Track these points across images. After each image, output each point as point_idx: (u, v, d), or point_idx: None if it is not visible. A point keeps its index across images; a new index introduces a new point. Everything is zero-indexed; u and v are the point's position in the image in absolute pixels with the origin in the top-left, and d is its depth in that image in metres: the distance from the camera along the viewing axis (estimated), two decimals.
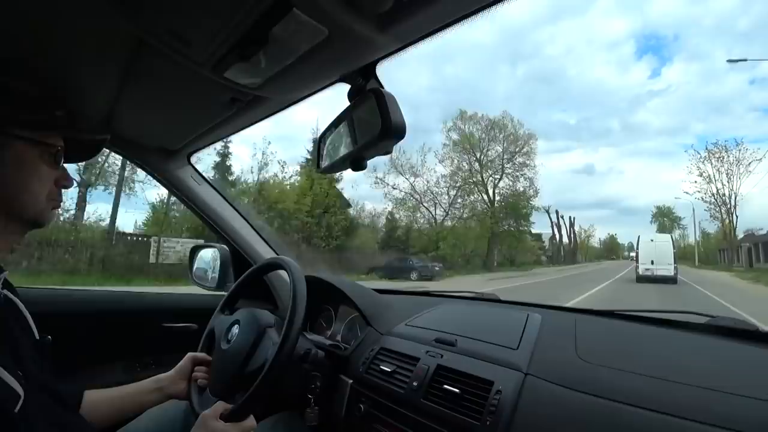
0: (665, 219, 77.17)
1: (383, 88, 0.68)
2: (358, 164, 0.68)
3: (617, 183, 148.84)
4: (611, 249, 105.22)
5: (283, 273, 1.49)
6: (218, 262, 1.47)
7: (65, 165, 0.77)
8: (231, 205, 1.47)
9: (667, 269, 17.97)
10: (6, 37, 0.67)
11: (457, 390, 0.85)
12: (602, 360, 0.84)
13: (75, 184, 0.77)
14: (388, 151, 0.67)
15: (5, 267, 0.70)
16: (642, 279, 18.25)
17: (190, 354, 1.00)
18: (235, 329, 0.96)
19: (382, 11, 0.53)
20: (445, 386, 0.87)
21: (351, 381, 1.05)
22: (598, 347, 0.92)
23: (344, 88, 0.74)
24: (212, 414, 0.78)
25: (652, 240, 19.89)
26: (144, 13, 0.60)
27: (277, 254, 1.49)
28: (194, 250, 1.62)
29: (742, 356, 0.85)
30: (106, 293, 1.45)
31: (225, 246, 1.49)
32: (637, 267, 19.22)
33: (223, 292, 1.44)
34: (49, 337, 0.79)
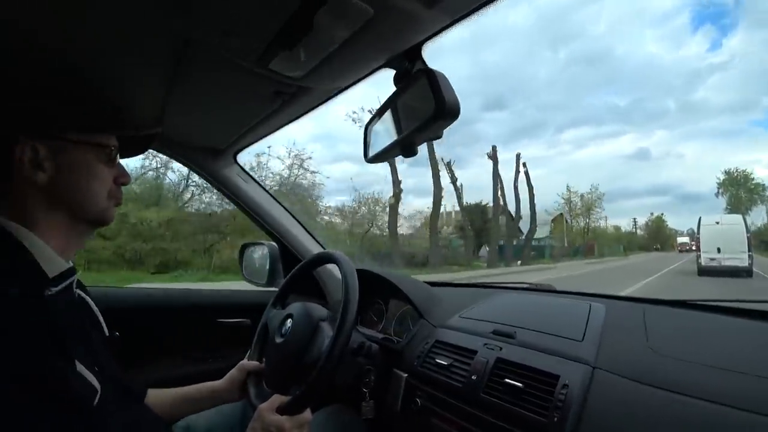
0: (740, 190, 49.44)
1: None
2: (408, 150, 0.66)
3: (676, 167, 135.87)
4: (656, 236, 73.25)
5: (332, 267, 1.51)
6: (268, 259, 1.49)
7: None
8: (278, 202, 1.49)
9: (739, 259, 14.23)
10: (57, 41, 0.68)
11: (519, 384, 0.81)
12: (676, 353, 0.78)
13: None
14: (438, 135, 0.65)
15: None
16: (705, 271, 14.78)
17: (241, 363, 1.02)
18: (289, 323, 0.96)
19: None
20: (507, 380, 0.83)
21: (406, 375, 1.03)
22: (671, 339, 0.85)
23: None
24: (269, 407, 0.78)
25: (717, 222, 15.82)
26: (189, 10, 0.60)
27: (325, 249, 1.49)
28: (244, 248, 1.65)
29: None
30: (165, 290, 1.51)
31: (274, 243, 1.51)
32: (698, 256, 15.64)
33: (273, 288, 1.46)
34: (117, 333, 0.83)
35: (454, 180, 22.98)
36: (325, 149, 50.62)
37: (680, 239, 58.07)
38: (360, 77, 0.79)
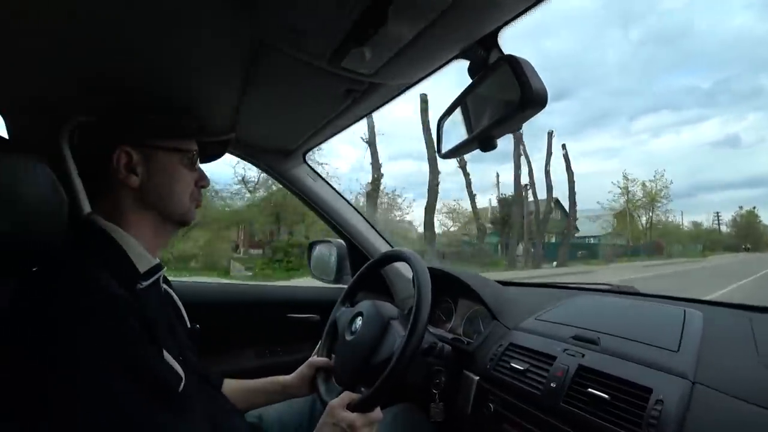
0: None
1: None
2: (487, 143, 0.62)
3: None
4: (746, 234, 60.10)
5: (399, 265, 1.51)
6: (335, 256, 1.51)
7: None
8: (345, 201, 1.50)
9: None
10: (134, 52, 0.73)
11: (605, 395, 0.75)
12: None
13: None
14: (518, 127, 0.61)
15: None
16: None
17: (310, 360, 1.04)
18: (359, 321, 0.96)
19: None
20: (590, 390, 0.77)
21: (477, 378, 0.99)
22: None
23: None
24: (340, 403, 0.79)
25: None
26: (261, 13, 0.61)
27: (393, 247, 1.49)
28: (312, 245, 1.69)
29: None
30: (239, 285, 1.58)
31: (341, 240, 1.53)
32: None
33: (341, 285, 1.48)
34: (198, 325, 0.88)
35: (462, 165, 19.94)
36: (385, 147, 50.92)
37: None
38: (432, 70, 0.76)
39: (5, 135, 0.95)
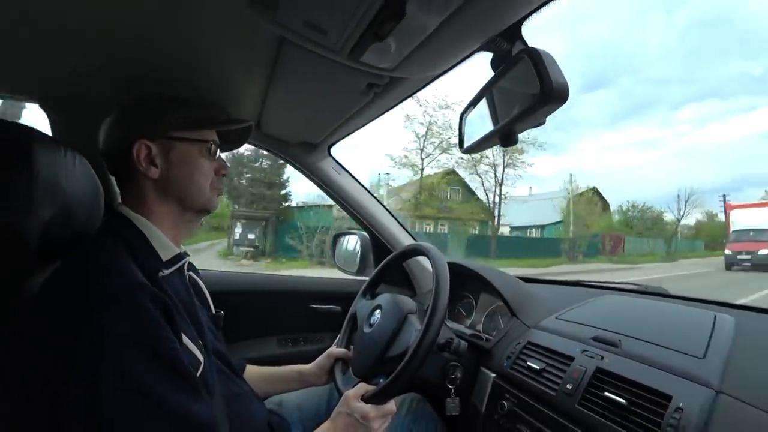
0: None
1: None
2: (508, 139, 0.61)
3: None
4: None
5: (422, 259, 1.51)
6: (359, 248, 1.52)
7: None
8: (370, 194, 1.51)
9: None
10: (163, 52, 0.75)
11: (622, 400, 0.72)
12: None
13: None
14: (541, 123, 0.59)
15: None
16: None
17: (329, 350, 1.06)
18: (377, 314, 0.97)
19: None
20: (607, 394, 0.75)
21: (494, 375, 0.98)
22: None
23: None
24: (355, 394, 0.80)
25: None
26: (279, 9, 0.61)
27: (416, 241, 1.48)
28: (336, 237, 1.71)
29: None
30: (264, 276, 1.61)
31: (365, 233, 1.54)
32: None
33: (363, 277, 1.49)
34: (222, 312, 0.90)
35: None
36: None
37: None
38: (454, 63, 0.75)
39: (48, 131, 1.00)
